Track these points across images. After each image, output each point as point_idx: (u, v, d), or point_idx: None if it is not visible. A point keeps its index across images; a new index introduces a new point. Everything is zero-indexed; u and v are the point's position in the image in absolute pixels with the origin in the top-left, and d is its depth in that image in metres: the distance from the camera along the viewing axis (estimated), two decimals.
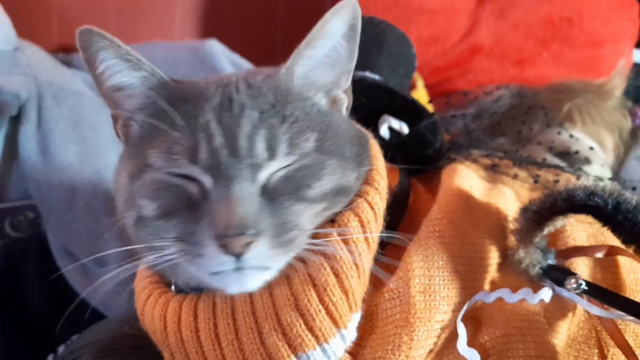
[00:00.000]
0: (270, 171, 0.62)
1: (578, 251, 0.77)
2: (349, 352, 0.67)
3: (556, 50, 1.81)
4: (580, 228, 0.81)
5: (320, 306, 0.63)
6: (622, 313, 0.65)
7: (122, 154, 0.72)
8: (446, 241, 0.73)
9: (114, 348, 0.85)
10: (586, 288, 0.68)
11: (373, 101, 0.97)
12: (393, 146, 0.89)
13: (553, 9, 1.80)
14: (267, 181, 0.62)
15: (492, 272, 0.74)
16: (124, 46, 0.66)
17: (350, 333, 0.66)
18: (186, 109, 0.65)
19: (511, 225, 0.78)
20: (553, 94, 1.40)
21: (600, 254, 0.77)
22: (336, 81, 0.70)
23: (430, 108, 1.07)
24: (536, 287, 0.70)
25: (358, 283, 0.65)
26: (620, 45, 1.84)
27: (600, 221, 0.72)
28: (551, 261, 0.74)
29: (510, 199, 0.84)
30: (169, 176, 0.64)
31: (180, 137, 0.63)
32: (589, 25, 1.80)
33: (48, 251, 1.25)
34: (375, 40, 1.23)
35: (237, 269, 0.60)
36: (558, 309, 0.72)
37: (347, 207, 0.68)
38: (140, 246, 0.67)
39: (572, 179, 0.94)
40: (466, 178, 0.84)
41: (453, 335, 0.67)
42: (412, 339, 0.66)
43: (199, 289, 0.68)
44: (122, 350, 0.84)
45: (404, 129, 0.96)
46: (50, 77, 1.35)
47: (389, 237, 0.73)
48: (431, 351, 0.67)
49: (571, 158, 1.18)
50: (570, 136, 1.24)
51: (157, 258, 0.63)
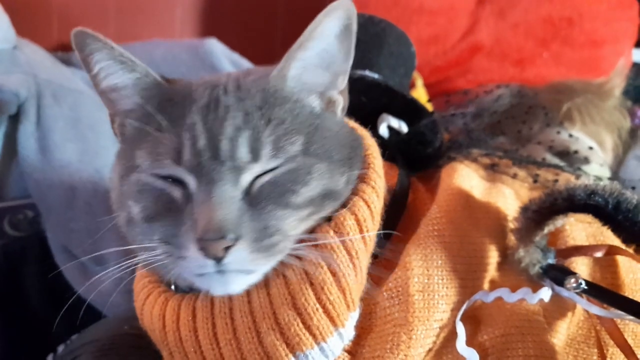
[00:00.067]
0: (253, 174, 0.62)
1: (577, 250, 0.77)
2: (348, 351, 0.67)
3: (556, 50, 1.81)
4: (579, 227, 0.81)
5: (317, 305, 0.63)
6: (622, 312, 0.65)
7: (117, 154, 0.72)
8: (445, 240, 0.73)
9: (113, 347, 0.85)
10: (586, 287, 0.68)
11: (373, 100, 0.97)
12: (393, 145, 0.89)
13: (553, 9, 1.80)
14: (252, 185, 0.62)
15: (492, 272, 0.74)
16: (118, 48, 0.66)
17: (348, 332, 0.66)
18: (175, 110, 0.65)
19: (511, 224, 0.78)
20: (553, 94, 1.40)
21: (599, 254, 0.77)
22: (331, 82, 0.70)
23: (429, 107, 1.06)
24: (536, 287, 0.70)
25: (355, 281, 0.65)
26: (620, 45, 1.84)
27: (600, 220, 0.72)
28: (551, 260, 0.73)
29: (509, 199, 0.84)
30: (154, 179, 0.64)
31: (165, 138, 0.63)
32: (589, 25, 1.80)
33: (48, 250, 1.24)
34: (375, 39, 1.23)
35: (220, 272, 0.60)
36: (557, 309, 0.72)
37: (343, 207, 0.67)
38: (134, 246, 0.67)
39: (572, 179, 0.94)
40: (466, 177, 0.84)
41: (452, 334, 0.67)
42: (411, 338, 0.65)
43: (196, 289, 0.68)
44: (122, 349, 0.84)
45: (403, 128, 0.96)
46: (49, 76, 1.35)
47: (388, 236, 0.73)
48: (430, 350, 0.67)
49: (570, 157, 1.18)
50: (569, 136, 1.24)
51: (148, 258, 0.63)
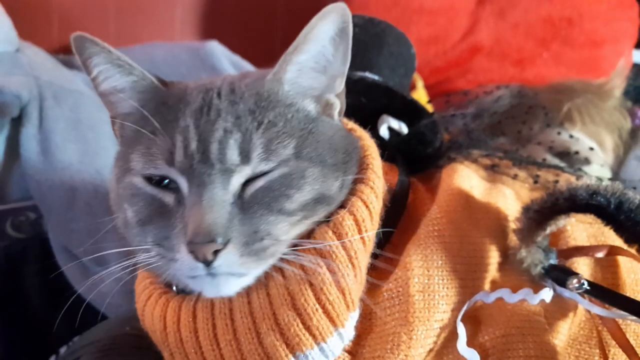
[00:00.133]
0: (244, 176, 0.62)
1: (579, 251, 0.77)
2: (348, 351, 0.66)
3: (556, 50, 1.81)
4: (580, 228, 0.81)
5: (317, 305, 0.63)
6: (624, 313, 0.65)
7: (115, 156, 0.72)
8: (446, 240, 0.73)
9: (115, 348, 0.85)
10: (588, 288, 0.68)
11: (373, 101, 0.97)
12: (393, 145, 0.88)
13: (553, 9, 1.81)
14: (244, 190, 0.62)
15: (493, 272, 0.74)
16: (115, 52, 0.66)
17: (348, 332, 0.66)
18: (169, 113, 0.65)
19: (513, 224, 0.77)
20: (553, 94, 1.39)
21: (600, 254, 0.76)
22: (328, 85, 0.69)
23: (429, 108, 1.06)
24: (537, 287, 0.70)
25: (354, 282, 0.64)
26: (620, 45, 1.84)
27: (602, 220, 0.71)
28: (553, 261, 0.73)
29: (510, 199, 0.84)
30: (145, 184, 0.65)
31: (159, 140, 0.64)
32: (589, 25, 1.80)
33: (49, 252, 1.25)
34: (375, 40, 1.23)
35: (211, 274, 0.61)
36: (559, 309, 0.72)
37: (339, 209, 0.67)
38: (132, 248, 0.67)
39: (572, 179, 0.94)
40: (466, 178, 0.84)
41: (453, 334, 0.67)
42: (411, 338, 0.65)
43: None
44: (123, 350, 0.84)
45: (403, 129, 0.96)
46: (50, 78, 1.35)
47: (388, 236, 0.73)
48: (431, 350, 0.67)
49: (571, 158, 1.18)
50: (570, 136, 1.24)
51: (145, 259, 0.64)
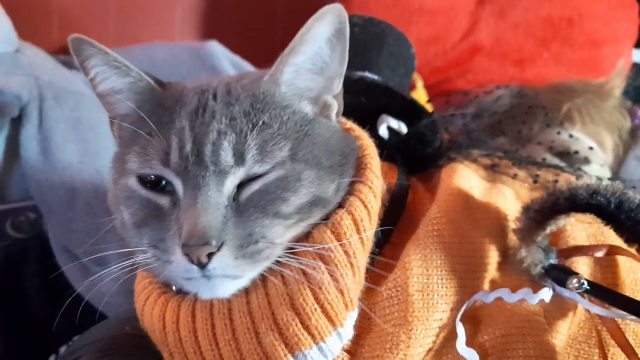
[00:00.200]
0: (238, 178, 0.62)
1: (578, 250, 0.77)
2: (347, 351, 0.66)
3: (556, 50, 1.81)
4: (580, 227, 0.81)
5: (315, 305, 0.63)
6: (624, 312, 0.65)
7: (113, 157, 0.72)
8: (445, 240, 0.73)
9: (114, 348, 0.85)
10: (588, 287, 0.68)
11: (372, 101, 0.97)
12: (392, 145, 0.88)
13: (553, 9, 1.81)
14: (240, 192, 0.62)
15: (492, 272, 0.74)
16: (112, 53, 0.66)
17: (347, 331, 0.66)
18: (165, 115, 0.65)
19: (513, 224, 0.77)
20: (553, 94, 1.39)
21: (600, 254, 0.76)
22: (326, 86, 0.69)
23: (429, 108, 1.06)
24: (536, 287, 0.70)
25: (353, 281, 0.64)
26: (620, 45, 1.84)
27: (602, 220, 0.71)
28: (553, 260, 0.73)
29: (509, 199, 0.84)
30: (140, 187, 0.65)
31: (155, 141, 0.64)
32: (589, 25, 1.80)
33: (49, 252, 1.25)
34: (375, 39, 1.23)
35: (205, 276, 0.61)
36: (558, 309, 0.72)
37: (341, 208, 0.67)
38: (131, 249, 0.67)
39: (572, 179, 0.94)
40: (466, 177, 0.84)
41: (452, 334, 0.67)
42: (410, 338, 0.65)
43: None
44: (123, 350, 0.84)
45: (403, 129, 0.96)
46: (50, 78, 1.35)
47: (387, 236, 0.73)
48: (430, 350, 0.67)
49: (571, 158, 1.18)
50: (570, 136, 1.24)
51: (142, 260, 0.64)
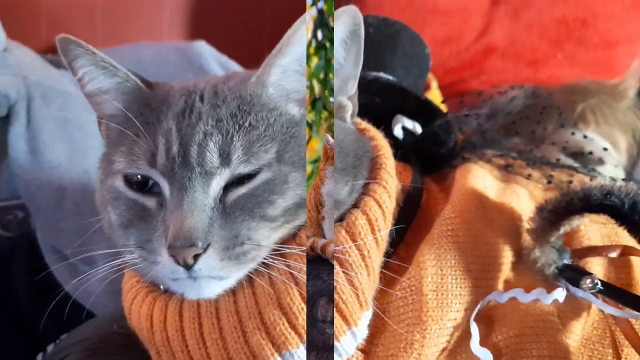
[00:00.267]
0: (224, 179, 0.62)
1: (592, 251, 0.77)
2: (361, 350, 0.67)
3: (570, 50, 1.80)
4: (594, 228, 0.81)
5: (302, 304, 0.63)
6: (638, 313, 0.65)
7: (100, 157, 0.73)
8: (459, 240, 0.73)
9: (102, 346, 0.85)
10: (602, 288, 0.68)
11: (387, 101, 0.97)
12: (407, 145, 0.89)
13: (567, 10, 1.80)
14: (227, 194, 0.62)
15: (506, 272, 0.74)
16: (99, 53, 0.67)
17: (361, 331, 0.66)
18: (152, 116, 0.66)
19: (527, 224, 0.77)
20: (567, 95, 1.39)
21: (614, 254, 0.76)
22: (341, 87, 0.69)
23: (443, 108, 1.06)
24: (550, 287, 0.70)
25: (367, 281, 0.65)
26: (634, 45, 1.82)
27: (616, 221, 0.71)
28: (567, 261, 0.73)
29: (524, 199, 0.84)
30: (126, 189, 0.65)
31: (142, 142, 0.64)
32: (603, 25, 1.79)
33: (37, 250, 1.25)
34: (389, 40, 1.23)
35: (191, 277, 0.61)
36: (572, 309, 0.72)
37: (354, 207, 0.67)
38: (118, 249, 0.68)
39: (586, 180, 0.94)
40: (480, 178, 0.84)
41: (466, 334, 0.67)
42: (425, 337, 0.66)
43: None
44: (110, 348, 0.85)
45: (417, 129, 0.96)
46: (39, 77, 1.34)
47: (401, 236, 0.73)
48: (444, 350, 0.67)
49: (585, 158, 1.18)
50: (584, 137, 1.23)
51: (129, 260, 0.65)
